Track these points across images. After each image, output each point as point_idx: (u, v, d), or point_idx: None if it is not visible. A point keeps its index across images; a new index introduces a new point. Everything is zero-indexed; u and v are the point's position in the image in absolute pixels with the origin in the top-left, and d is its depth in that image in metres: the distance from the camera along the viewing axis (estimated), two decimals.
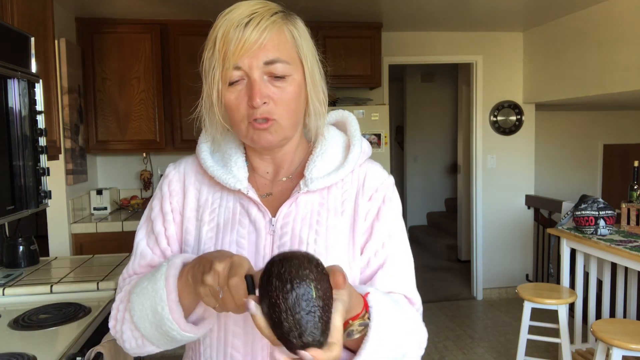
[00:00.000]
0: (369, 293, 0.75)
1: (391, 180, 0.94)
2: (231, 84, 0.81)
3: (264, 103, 0.80)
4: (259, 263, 0.84)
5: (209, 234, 0.88)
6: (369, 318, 0.72)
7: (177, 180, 0.94)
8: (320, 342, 0.60)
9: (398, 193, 0.96)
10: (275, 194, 0.91)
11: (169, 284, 0.76)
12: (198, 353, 0.88)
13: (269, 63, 0.80)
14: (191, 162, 0.96)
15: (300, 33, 0.85)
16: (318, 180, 0.87)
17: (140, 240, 0.94)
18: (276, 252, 0.84)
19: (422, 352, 0.85)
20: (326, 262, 0.80)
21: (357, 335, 0.72)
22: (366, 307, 0.73)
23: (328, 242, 0.85)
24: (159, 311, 0.76)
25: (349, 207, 0.89)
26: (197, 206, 0.91)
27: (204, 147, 0.93)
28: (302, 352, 0.60)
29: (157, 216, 0.93)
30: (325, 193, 0.89)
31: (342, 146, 0.93)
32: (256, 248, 0.85)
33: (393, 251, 0.88)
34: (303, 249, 0.84)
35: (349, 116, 0.97)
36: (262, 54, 0.79)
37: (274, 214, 0.87)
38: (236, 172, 0.89)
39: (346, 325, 0.69)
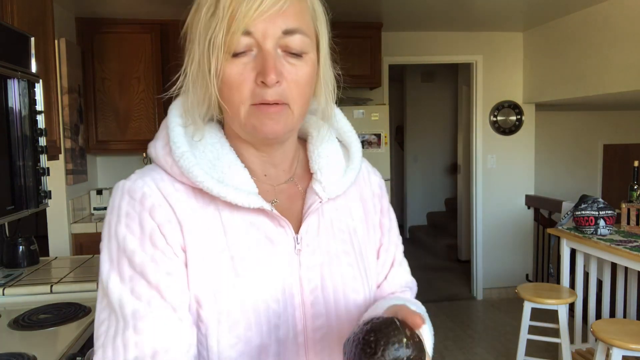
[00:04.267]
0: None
1: (379, 173, 0.90)
2: (235, 55, 0.64)
3: (277, 82, 0.64)
4: (287, 289, 0.70)
5: (225, 269, 0.68)
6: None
7: (162, 206, 0.67)
8: None
9: (398, 193, 0.95)
10: (282, 202, 0.75)
11: None
12: None
13: (288, 33, 0.64)
14: (157, 176, 0.69)
15: (320, 6, 0.72)
16: (335, 185, 0.76)
17: (123, 295, 0.63)
18: (305, 274, 0.72)
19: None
20: (360, 273, 0.76)
21: None
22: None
23: (355, 249, 0.78)
24: None
25: (357, 208, 0.82)
26: (199, 235, 0.68)
27: (190, 158, 0.68)
28: None
29: (147, 260, 0.64)
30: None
31: (337, 141, 0.82)
32: (282, 273, 0.71)
33: (395, 243, 0.87)
34: (334, 265, 0.74)
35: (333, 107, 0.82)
36: (281, 20, 0.63)
37: (294, 229, 0.73)
38: (244, 185, 0.70)
39: None
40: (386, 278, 0.84)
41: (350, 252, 0.77)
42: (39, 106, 1.79)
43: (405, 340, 0.54)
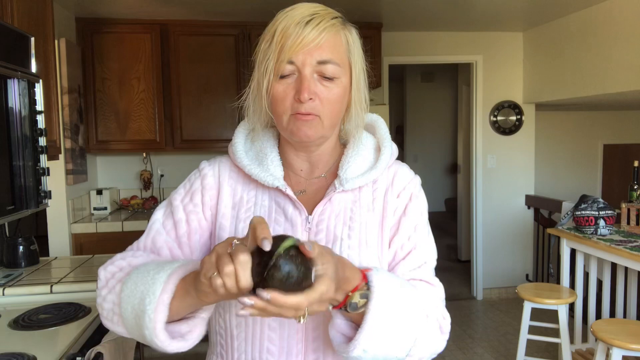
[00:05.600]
0: (370, 269, 0.78)
1: (418, 180, 1.00)
2: (282, 77, 0.84)
3: (310, 99, 0.83)
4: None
5: (245, 232, 0.88)
6: (368, 289, 0.75)
7: (212, 176, 0.96)
8: (287, 288, 0.65)
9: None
10: (309, 192, 0.95)
11: (169, 281, 0.75)
12: (230, 348, 0.89)
13: (322, 62, 0.84)
14: (225, 161, 0.98)
15: (354, 40, 0.91)
16: (353, 180, 0.91)
17: (157, 220, 0.94)
18: None
19: (445, 337, 0.88)
20: (359, 256, 0.89)
21: (361, 308, 0.75)
22: (365, 279, 0.76)
23: (361, 237, 0.90)
24: (145, 303, 0.75)
25: (378, 204, 0.94)
26: (233, 204, 0.93)
27: (238, 147, 0.95)
28: (262, 291, 0.64)
29: (180, 205, 0.94)
30: (357, 191, 0.94)
31: (372, 148, 0.98)
32: None
33: (417, 243, 0.93)
34: (337, 244, 0.89)
35: (377, 119, 1.02)
36: (317, 52, 0.83)
37: (309, 212, 0.91)
38: (273, 170, 0.92)
39: (347, 298, 0.74)
40: (395, 267, 0.92)
41: (354, 238, 0.90)
42: (39, 106, 1.79)
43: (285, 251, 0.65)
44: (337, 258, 0.73)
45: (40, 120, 1.79)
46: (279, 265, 0.64)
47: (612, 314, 3.25)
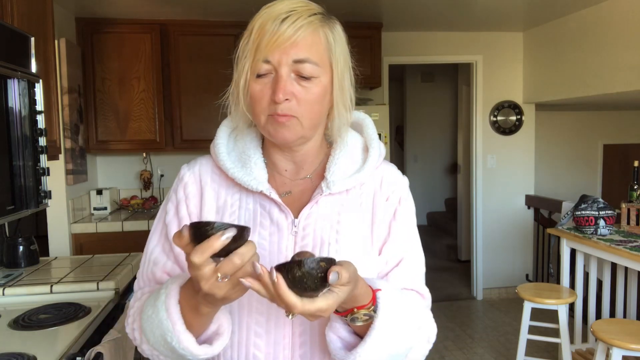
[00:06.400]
0: (380, 290, 0.79)
1: (406, 181, 0.98)
2: (259, 76, 0.82)
3: (287, 100, 0.81)
4: (282, 261, 0.87)
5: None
6: (374, 311, 0.76)
7: (193, 183, 0.93)
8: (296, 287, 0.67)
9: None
10: (295, 193, 0.91)
11: (171, 314, 0.76)
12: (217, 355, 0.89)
13: (298, 62, 0.80)
14: (205, 162, 0.95)
15: (335, 37, 0.86)
16: (339, 183, 0.89)
17: (154, 247, 0.93)
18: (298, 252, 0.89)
19: (430, 346, 0.90)
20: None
21: (359, 323, 0.76)
22: (374, 301, 0.77)
23: (349, 241, 0.88)
24: (169, 341, 0.77)
25: (367, 207, 0.91)
26: (217, 208, 0.91)
27: (221, 148, 0.92)
28: (274, 272, 0.65)
29: (171, 221, 0.92)
30: (345, 194, 0.91)
31: (360, 148, 0.95)
32: (278, 248, 0.86)
33: (408, 250, 0.92)
34: (325, 248, 0.86)
35: (365, 118, 0.99)
36: (293, 51, 0.80)
37: (295, 214, 0.88)
38: (256, 173, 0.89)
39: (351, 311, 0.75)
40: (387, 275, 0.91)
41: (342, 242, 0.87)
42: (39, 106, 1.79)
43: (316, 263, 0.67)
44: (356, 280, 0.72)
45: (40, 120, 1.79)
46: (303, 266, 0.65)
47: (612, 314, 3.25)
